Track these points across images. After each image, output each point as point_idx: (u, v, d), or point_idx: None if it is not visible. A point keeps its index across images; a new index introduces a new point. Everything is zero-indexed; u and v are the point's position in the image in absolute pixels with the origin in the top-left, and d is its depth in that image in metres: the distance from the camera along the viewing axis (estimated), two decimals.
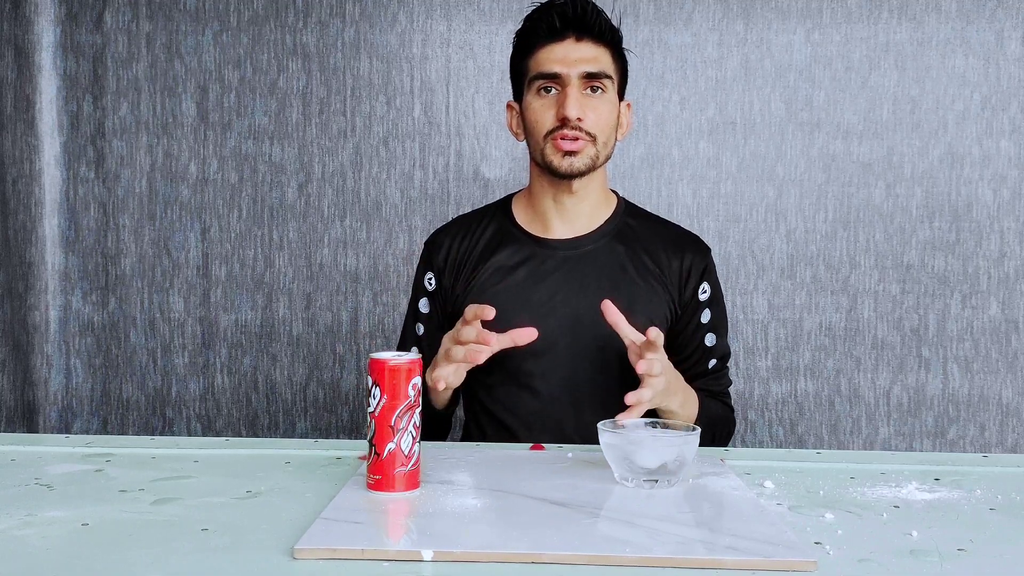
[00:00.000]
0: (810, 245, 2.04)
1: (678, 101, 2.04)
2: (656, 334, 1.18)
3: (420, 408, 1.01)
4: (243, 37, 2.05)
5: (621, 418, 1.12)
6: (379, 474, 0.99)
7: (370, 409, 0.99)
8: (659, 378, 1.19)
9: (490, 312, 1.18)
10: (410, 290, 1.56)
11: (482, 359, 1.19)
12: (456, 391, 1.40)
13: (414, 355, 1.01)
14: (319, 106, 2.06)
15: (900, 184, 2.03)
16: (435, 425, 1.40)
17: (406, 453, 0.98)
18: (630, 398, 1.15)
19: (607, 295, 1.41)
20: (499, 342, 1.21)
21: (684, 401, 1.32)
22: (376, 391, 0.98)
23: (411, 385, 0.99)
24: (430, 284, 1.49)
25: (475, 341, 1.19)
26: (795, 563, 0.79)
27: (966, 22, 2.01)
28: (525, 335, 1.22)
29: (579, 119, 1.36)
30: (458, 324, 1.23)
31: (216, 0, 2.05)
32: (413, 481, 1.00)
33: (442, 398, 1.37)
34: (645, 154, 2.04)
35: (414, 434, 0.99)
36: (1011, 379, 2.03)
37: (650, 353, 1.19)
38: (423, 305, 1.50)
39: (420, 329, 1.50)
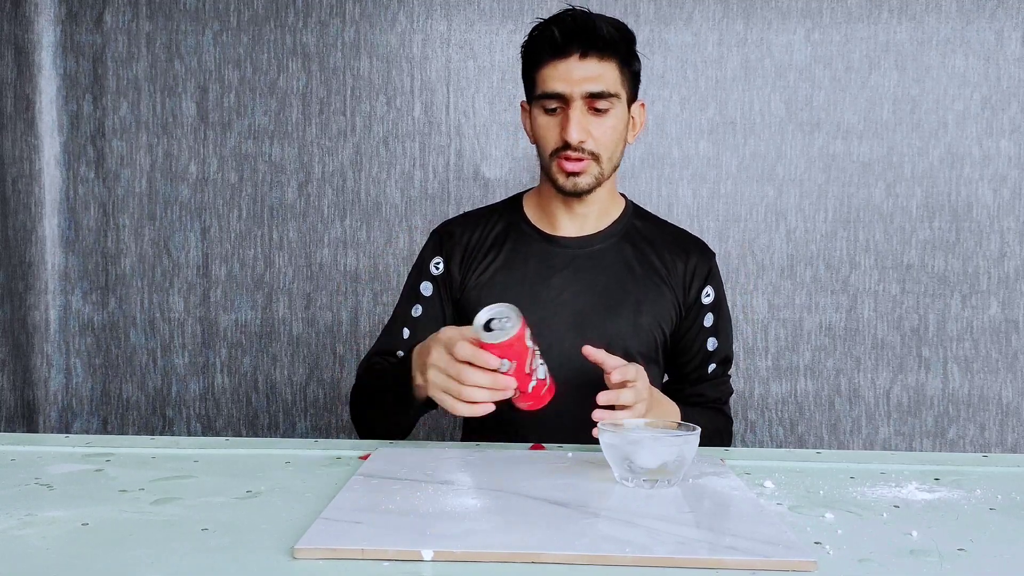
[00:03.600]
0: (810, 245, 2.04)
1: (678, 101, 2.04)
2: (620, 376, 1.16)
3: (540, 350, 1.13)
4: (243, 37, 2.05)
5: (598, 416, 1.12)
6: (529, 399, 1.13)
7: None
8: (639, 404, 1.17)
9: (494, 362, 1.07)
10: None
11: (490, 409, 1.08)
12: None
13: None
14: (319, 106, 2.06)
15: (900, 184, 2.03)
16: (407, 415, 1.32)
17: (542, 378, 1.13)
18: (598, 415, 1.12)
19: (614, 294, 1.42)
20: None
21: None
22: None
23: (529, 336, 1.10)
24: (437, 268, 1.48)
25: (490, 387, 1.08)
26: (795, 563, 0.78)
27: (966, 22, 2.01)
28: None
29: (581, 142, 1.36)
30: (457, 338, 1.12)
31: (216, 0, 2.05)
32: (550, 392, 1.15)
33: (423, 392, 1.24)
34: (645, 154, 2.04)
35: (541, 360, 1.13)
36: (1011, 379, 2.03)
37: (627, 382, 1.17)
38: (425, 288, 1.48)
39: (418, 310, 1.47)
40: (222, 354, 2.09)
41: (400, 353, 1.44)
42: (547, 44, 1.37)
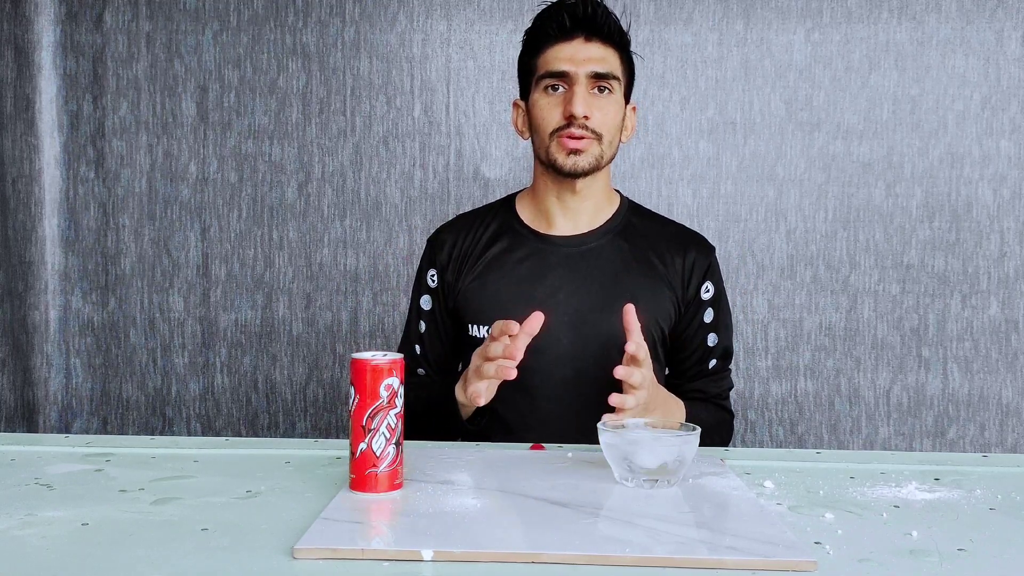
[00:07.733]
0: (810, 245, 2.04)
1: (678, 101, 2.04)
2: (635, 348, 1.18)
3: (397, 410, 0.99)
4: (243, 37, 2.05)
5: (608, 419, 1.12)
6: (353, 473, 0.99)
7: (349, 408, 1.00)
8: (641, 391, 1.19)
9: (514, 327, 1.17)
10: (411, 289, 1.56)
11: (513, 374, 1.18)
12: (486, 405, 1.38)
13: (394, 356, 1.00)
14: (319, 106, 2.06)
15: (900, 184, 2.03)
16: (452, 429, 1.40)
17: (377, 454, 0.98)
18: (615, 399, 1.15)
19: (610, 292, 1.41)
20: (520, 347, 1.19)
21: (664, 416, 1.29)
22: (352, 391, 0.99)
23: (384, 386, 0.98)
24: (432, 281, 1.49)
25: (503, 356, 1.18)
26: (795, 563, 0.79)
27: (966, 22, 2.01)
28: (535, 322, 1.19)
29: (586, 117, 1.37)
30: (486, 340, 1.23)
31: (216, 0, 2.05)
32: (389, 483, 0.99)
33: (468, 411, 1.35)
34: (645, 154, 2.04)
35: (387, 435, 0.98)
36: (1011, 379, 2.03)
37: (633, 366, 1.19)
38: (424, 302, 1.50)
39: (422, 326, 1.51)
40: (222, 354, 2.09)
41: (421, 371, 1.51)
42: (554, 27, 1.40)
